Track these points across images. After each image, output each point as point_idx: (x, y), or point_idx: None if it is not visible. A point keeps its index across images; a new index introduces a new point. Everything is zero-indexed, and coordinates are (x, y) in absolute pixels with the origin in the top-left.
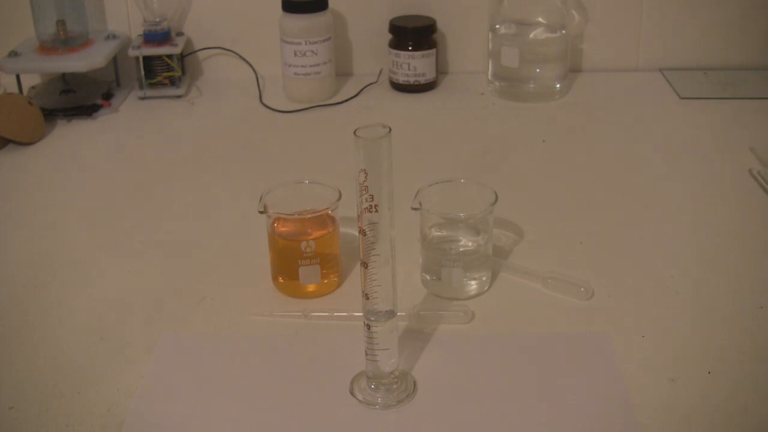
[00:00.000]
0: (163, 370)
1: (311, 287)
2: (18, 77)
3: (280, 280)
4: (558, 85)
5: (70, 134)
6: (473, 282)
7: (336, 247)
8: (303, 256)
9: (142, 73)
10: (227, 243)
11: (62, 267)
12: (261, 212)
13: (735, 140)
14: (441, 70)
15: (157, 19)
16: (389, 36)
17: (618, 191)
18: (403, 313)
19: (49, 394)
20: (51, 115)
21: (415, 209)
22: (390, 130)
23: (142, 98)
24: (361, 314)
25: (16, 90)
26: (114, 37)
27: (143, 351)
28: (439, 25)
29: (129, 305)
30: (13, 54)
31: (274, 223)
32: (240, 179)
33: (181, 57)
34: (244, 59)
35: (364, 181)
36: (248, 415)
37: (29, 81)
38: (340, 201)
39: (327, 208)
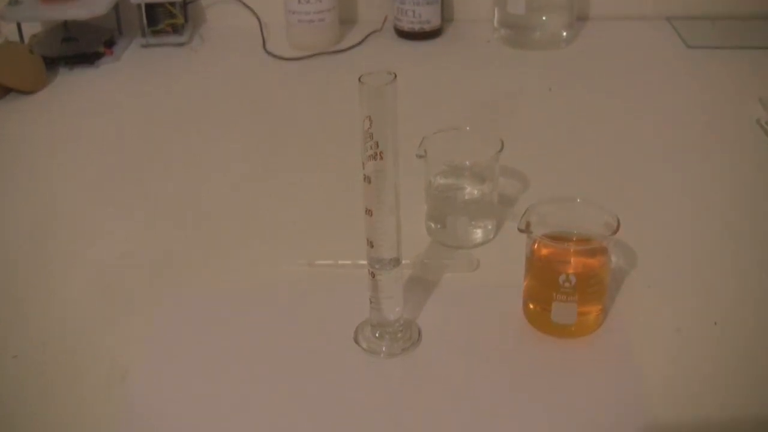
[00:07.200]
0: (168, 325)
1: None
2: (19, 26)
3: (531, 306)
4: (564, 34)
5: (72, 83)
6: (478, 230)
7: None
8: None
9: (145, 20)
10: (231, 197)
11: (65, 219)
12: (521, 230)
13: (743, 90)
14: (446, 17)
15: None
16: None
17: (624, 140)
18: (408, 262)
19: (54, 348)
20: (53, 63)
21: (420, 157)
22: (395, 76)
23: (145, 46)
24: (365, 262)
25: (17, 38)
26: None
27: (148, 305)
28: None
29: (133, 261)
30: (14, 2)
31: (535, 244)
32: (244, 128)
33: (184, 4)
34: (247, 6)
35: (369, 128)
36: (253, 366)
37: (30, 29)
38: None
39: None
